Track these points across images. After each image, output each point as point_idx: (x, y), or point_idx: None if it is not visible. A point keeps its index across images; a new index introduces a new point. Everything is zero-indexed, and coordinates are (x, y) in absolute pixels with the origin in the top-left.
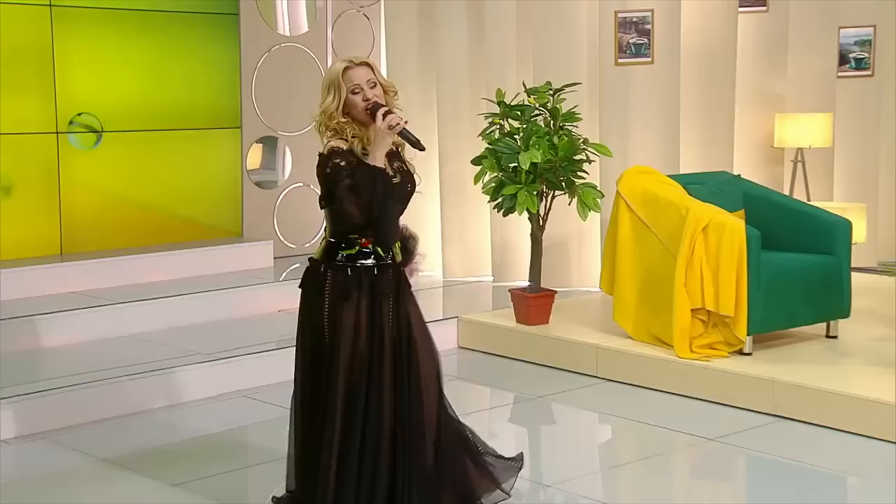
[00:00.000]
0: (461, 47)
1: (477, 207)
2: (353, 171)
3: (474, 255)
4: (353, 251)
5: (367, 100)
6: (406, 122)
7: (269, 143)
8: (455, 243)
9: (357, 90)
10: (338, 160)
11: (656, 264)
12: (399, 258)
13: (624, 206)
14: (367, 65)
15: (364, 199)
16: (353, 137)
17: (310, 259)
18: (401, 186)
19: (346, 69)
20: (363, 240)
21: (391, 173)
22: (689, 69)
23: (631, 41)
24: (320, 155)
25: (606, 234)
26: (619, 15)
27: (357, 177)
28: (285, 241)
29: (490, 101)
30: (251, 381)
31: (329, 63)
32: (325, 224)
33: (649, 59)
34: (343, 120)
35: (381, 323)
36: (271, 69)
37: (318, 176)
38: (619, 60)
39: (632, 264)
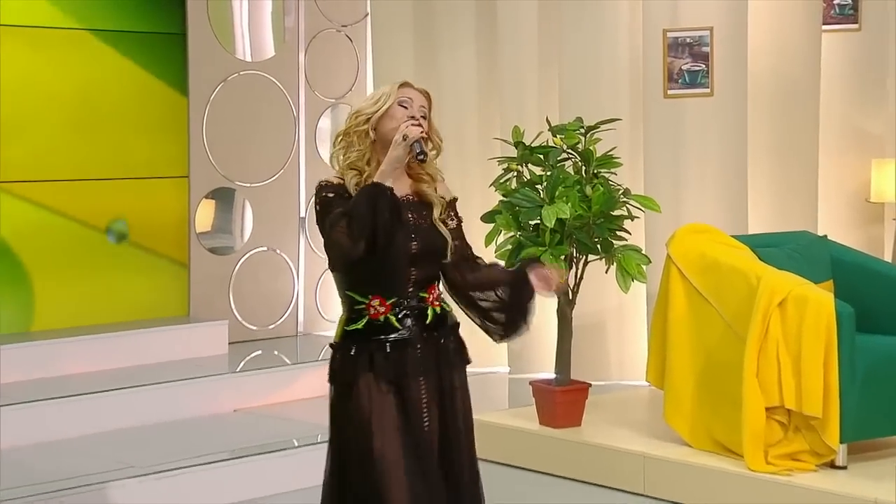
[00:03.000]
0: (468, 74)
1: None
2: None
3: (486, 338)
4: (360, 325)
5: (412, 116)
6: (423, 135)
7: (225, 197)
8: (461, 324)
9: (406, 104)
10: (327, 193)
11: (719, 349)
12: (430, 320)
13: (676, 275)
14: (428, 97)
15: (357, 223)
16: (350, 169)
17: (330, 345)
18: (427, 233)
19: (405, 83)
20: (373, 309)
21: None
22: (759, 102)
23: (684, 68)
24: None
25: (654, 310)
26: (670, 35)
27: (352, 200)
28: (243, 322)
29: (505, 141)
30: (200, 500)
31: (302, 95)
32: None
33: (707, 90)
34: (371, 130)
35: (413, 419)
36: (228, 103)
37: (316, 220)
38: (670, 92)
39: (688, 349)
